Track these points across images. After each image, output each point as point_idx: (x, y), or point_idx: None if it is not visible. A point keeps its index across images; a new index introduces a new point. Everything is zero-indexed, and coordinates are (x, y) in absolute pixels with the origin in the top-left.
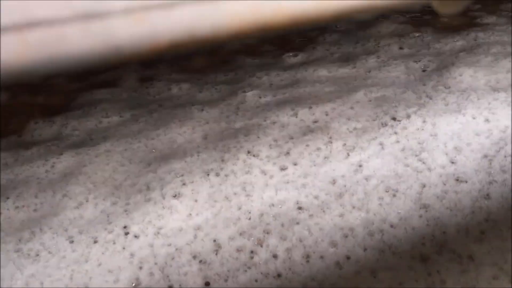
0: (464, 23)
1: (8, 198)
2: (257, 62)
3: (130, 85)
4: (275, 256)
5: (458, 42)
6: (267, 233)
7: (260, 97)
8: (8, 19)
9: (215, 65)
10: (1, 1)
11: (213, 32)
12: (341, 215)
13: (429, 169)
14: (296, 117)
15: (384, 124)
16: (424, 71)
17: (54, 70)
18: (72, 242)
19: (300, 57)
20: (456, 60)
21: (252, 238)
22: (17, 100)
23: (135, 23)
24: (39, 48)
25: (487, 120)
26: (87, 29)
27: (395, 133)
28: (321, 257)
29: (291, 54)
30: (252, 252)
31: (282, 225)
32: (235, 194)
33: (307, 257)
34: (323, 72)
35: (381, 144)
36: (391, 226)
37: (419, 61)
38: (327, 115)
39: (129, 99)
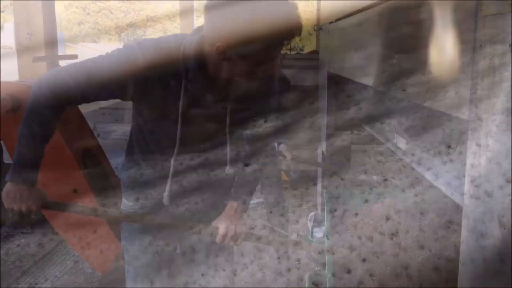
0: None
1: None
2: None
3: None
4: None
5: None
6: (316, 285)
7: None
8: None
9: None
10: None
11: None
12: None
13: (487, 193)
14: None
15: (439, 153)
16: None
17: None
18: None
19: None
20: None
21: None
22: None
23: None
24: None
25: None
26: None
27: (451, 160)
28: None
29: None
30: None
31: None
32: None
33: None
34: None
35: (435, 174)
36: (449, 261)
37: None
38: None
39: None
